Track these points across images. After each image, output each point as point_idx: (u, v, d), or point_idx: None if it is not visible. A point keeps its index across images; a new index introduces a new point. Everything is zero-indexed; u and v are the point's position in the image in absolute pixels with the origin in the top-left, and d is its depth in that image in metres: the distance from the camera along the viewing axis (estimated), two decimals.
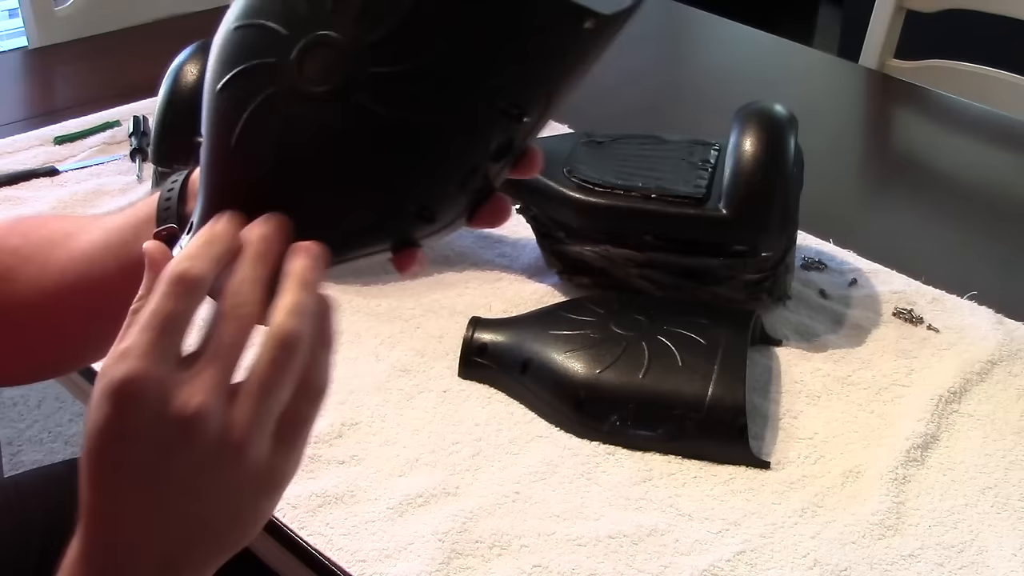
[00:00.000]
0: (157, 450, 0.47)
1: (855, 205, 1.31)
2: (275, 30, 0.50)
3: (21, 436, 2.14)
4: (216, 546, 0.50)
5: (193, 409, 0.47)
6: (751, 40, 1.74)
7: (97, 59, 1.58)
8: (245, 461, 0.48)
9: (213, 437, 0.47)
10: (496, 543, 0.80)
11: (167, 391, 0.47)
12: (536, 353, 0.93)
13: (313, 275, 0.50)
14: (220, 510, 0.49)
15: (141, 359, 0.46)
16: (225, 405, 0.48)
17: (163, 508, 0.48)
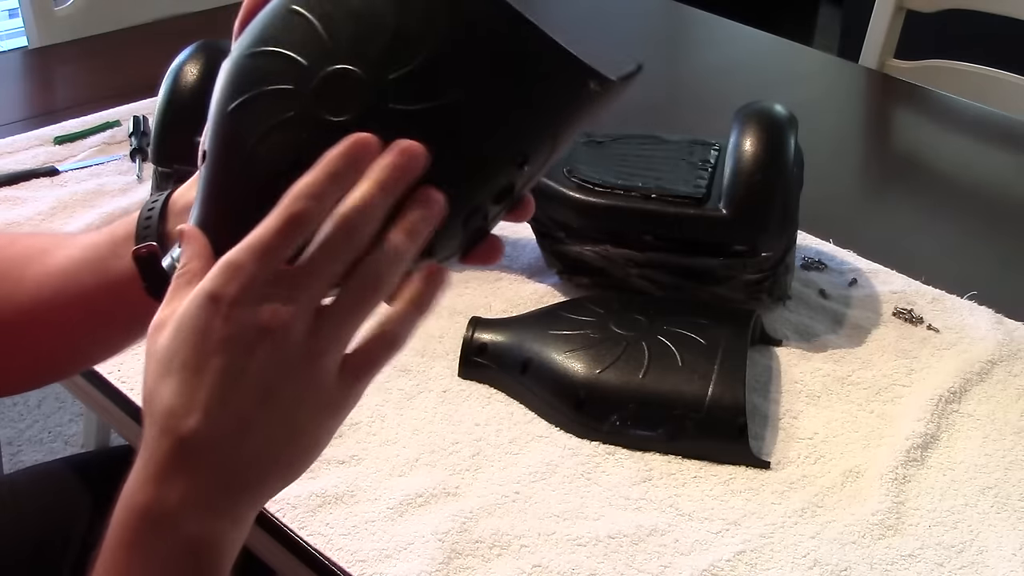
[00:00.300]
0: (242, 348, 0.50)
1: (855, 205, 1.31)
2: (296, 60, 0.52)
3: (21, 436, 2.14)
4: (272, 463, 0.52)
5: (276, 315, 0.49)
6: (751, 40, 1.74)
7: (97, 59, 1.58)
8: (314, 379, 0.51)
9: (291, 345, 0.50)
10: (496, 543, 0.80)
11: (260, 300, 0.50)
12: (536, 353, 0.93)
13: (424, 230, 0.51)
14: (283, 421, 0.51)
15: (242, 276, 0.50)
16: (310, 321, 0.50)
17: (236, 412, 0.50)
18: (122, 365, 0.96)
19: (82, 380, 0.98)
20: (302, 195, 0.50)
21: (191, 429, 0.50)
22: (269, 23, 0.54)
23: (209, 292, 0.50)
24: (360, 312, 0.51)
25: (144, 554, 0.51)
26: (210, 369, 0.50)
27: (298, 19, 0.53)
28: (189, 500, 0.51)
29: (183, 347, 0.51)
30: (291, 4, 0.53)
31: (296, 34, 0.52)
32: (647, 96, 1.55)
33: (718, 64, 1.69)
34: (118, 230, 0.68)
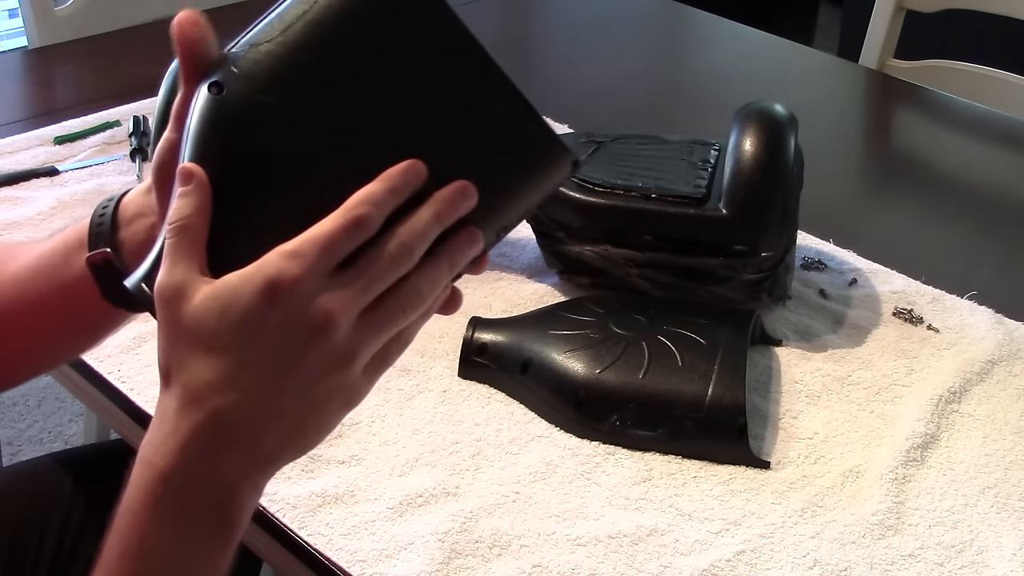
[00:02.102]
0: (293, 343, 0.53)
1: (855, 205, 1.31)
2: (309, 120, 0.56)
3: (21, 436, 2.14)
4: (295, 443, 0.56)
5: (329, 316, 0.53)
6: (751, 40, 1.74)
7: (97, 59, 1.58)
8: (347, 374, 0.55)
9: (335, 345, 0.54)
10: (496, 543, 0.80)
11: (314, 296, 0.53)
12: (536, 353, 0.93)
13: (465, 263, 0.58)
14: (312, 413, 0.55)
15: (303, 265, 0.52)
16: (352, 323, 0.54)
17: (276, 397, 0.53)
18: (122, 365, 0.96)
19: (82, 380, 0.98)
20: (366, 201, 0.53)
21: (228, 407, 0.53)
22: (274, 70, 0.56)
23: (268, 279, 0.52)
24: (397, 323, 0.56)
25: (167, 516, 0.54)
26: (258, 355, 0.53)
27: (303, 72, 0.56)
28: (214, 469, 0.54)
29: (233, 328, 0.53)
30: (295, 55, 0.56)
31: (304, 88, 0.56)
32: (647, 96, 1.56)
33: (718, 64, 1.69)
34: (70, 237, 0.70)
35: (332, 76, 0.56)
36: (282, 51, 0.56)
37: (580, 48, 1.68)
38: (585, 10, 1.81)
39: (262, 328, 0.53)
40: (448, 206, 0.55)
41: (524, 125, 0.57)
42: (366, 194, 0.54)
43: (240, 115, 0.56)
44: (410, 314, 0.56)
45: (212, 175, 0.56)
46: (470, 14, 1.85)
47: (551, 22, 1.85)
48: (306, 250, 0.53)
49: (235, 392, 0.53)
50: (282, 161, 0.56)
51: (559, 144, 0.58)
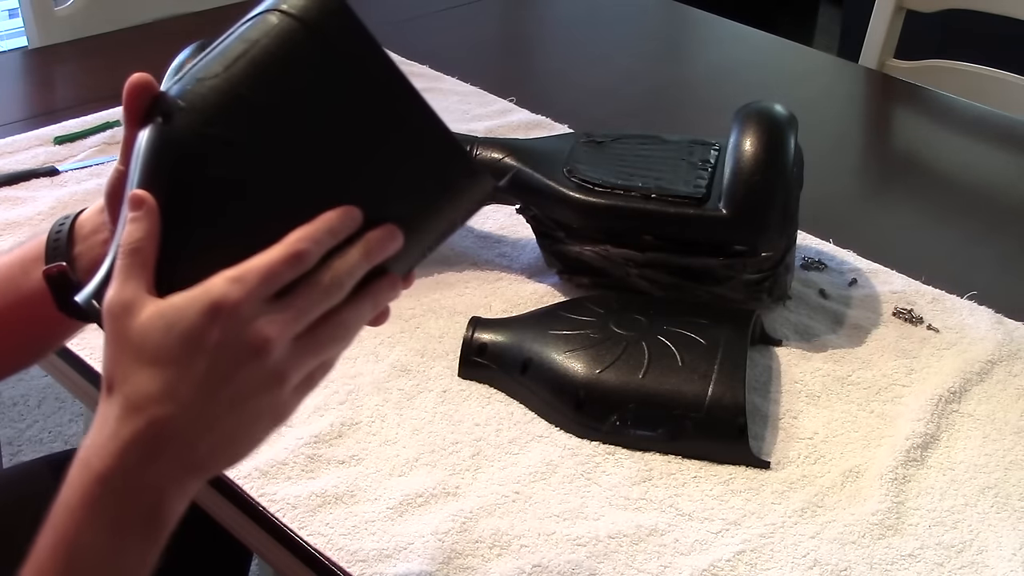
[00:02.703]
0: (230, 362, 0.57)
1: (855, 205, 1.31)
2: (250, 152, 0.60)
3: (21, 436, 2.14)
4: (225, 454, 0.60)
5: (266, 339, 0.57)
6: (751, 40, 1.74)
7: (97, 59, 1.58)
8: (278, 393, 0.59)
9: (269, 366, 0.58)
10: (496, 543, 0.80)
11: (253, 319, 0.57)
12: (536, 353, 0.93)
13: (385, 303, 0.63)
14: (247, 426, 0.60)
15: (244, 290, 0.57)
16: (287, 347, 0.59)
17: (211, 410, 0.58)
18: None
19: (82, 380, 0.98)
20: (307, 238, 0.58)
21: (166, 416, 0.57)
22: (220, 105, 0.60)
23: (213, 300, 0.57)
24: (326, 351, 0.61)
25: (101, 515, 0.57)
26: (197, 370, 0.57)
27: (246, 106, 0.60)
28: (149, 473, 0.57)
29: (175, 344, 0.57)
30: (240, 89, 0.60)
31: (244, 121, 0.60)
32: (647, 96, 1.56)
33: (718, 64, 1.69)
34: (28, 251, 0.75)
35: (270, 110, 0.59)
36: (225, 86, 0.60)
37: (580, 48, 1.68)
38: (585, 10, 1.81)
39: (203, 345, 0.57)
40: (377, 247, 0.61)
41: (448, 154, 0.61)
42: (307, 231, 0.58)
43: (185, 144, 0.60)
44: (338, 344, 0.62)
45: (160, 201, 0.60)
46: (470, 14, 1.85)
47: (551, 22, 1.85)
48: (249, 277, 0.57)
49: (173, 403, 0.57)
50: (224, 188, 0.60)
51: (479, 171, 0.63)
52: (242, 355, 0.57)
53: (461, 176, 0.62)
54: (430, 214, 0.63)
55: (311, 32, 0.59)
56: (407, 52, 1.57)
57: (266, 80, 0.60)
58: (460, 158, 0.62)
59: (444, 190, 0.62)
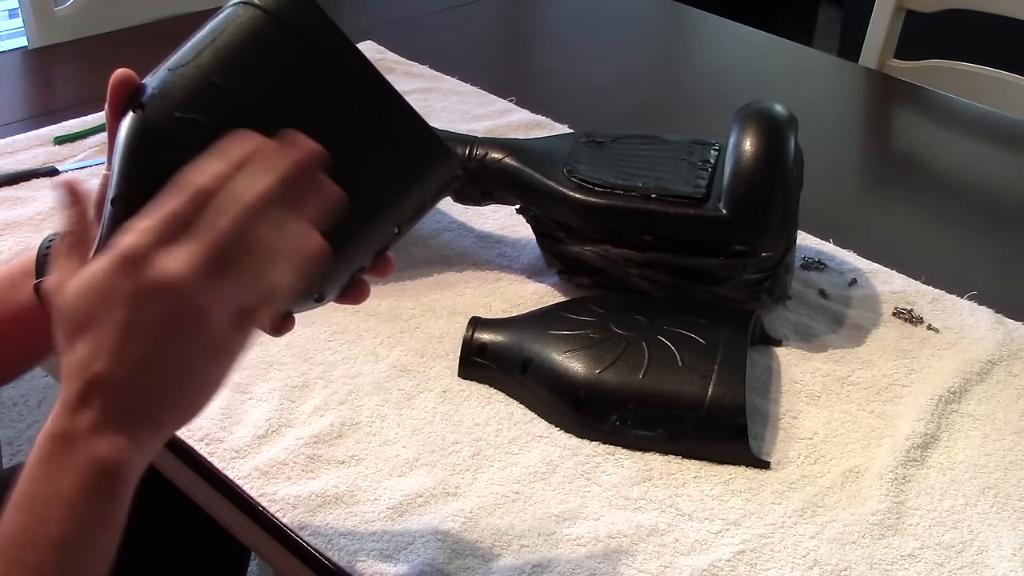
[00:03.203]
0: (138, 302, 0.57)
1: (855, 205, 1.31)
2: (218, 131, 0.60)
3: (21, 436, 2.14)
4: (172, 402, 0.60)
5: (170, 274, 0.56)
6: (751, 40, 1.74)
7: (97, 59, 1.58)
8: (205, 328, 0.58)
9: (183, 301, 0.57)
10: (496, 543, 0.80)
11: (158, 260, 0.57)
12: (536, 353, 0.93)
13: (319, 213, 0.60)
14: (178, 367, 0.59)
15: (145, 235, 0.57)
16: (201, 279, 0.57)
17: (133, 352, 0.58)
18: None
19: None
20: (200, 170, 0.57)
21: (97, 373, 0.58)
22: (190, 90, 0.62)
23: (120, 252, 0.57)
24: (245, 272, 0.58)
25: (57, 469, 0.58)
26: (112, 322, 0.57)
27: (217, 91, 0.61)
28: (96, 426, 0.58)
29: (91, 303, 0.58)
30: (212, 77, 0.62)
31: (215, 105, 0.61)
32: (647, 96, 1.56)
33: (718, 64, 1.69)
34: (16, 266, 0.78)
35: (239, 94, 0.61)
36: (195, 73, 0.62)
37: (580, 48, 1.68)
38: (585, 10, 1.81)
39: (116, 297, 0.57)
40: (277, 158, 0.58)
41: (410, 130, 0.63)
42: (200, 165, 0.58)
43: (158, 128, 0.62)
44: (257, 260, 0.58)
45: (136, 189, 0.61)
46: (470, 14, 1.85)
47: (551, 22, 1.85)
48: (151, 222, 0.57)
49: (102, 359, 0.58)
50: None
51: (444, 149, 0.65)
52: (152, 296, 0.57)
53: (428, 155, 0.64)
54: (398, 193, 0.65)
55: (271, 18, 0.62)
56: (407, 52, 1.57)
57: (233, 64, 0.62)
58: (426, 137, 0.63)
59: (411, 169, 0.64)
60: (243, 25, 0.62)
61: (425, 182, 0.66)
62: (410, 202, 0.66)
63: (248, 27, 0.62)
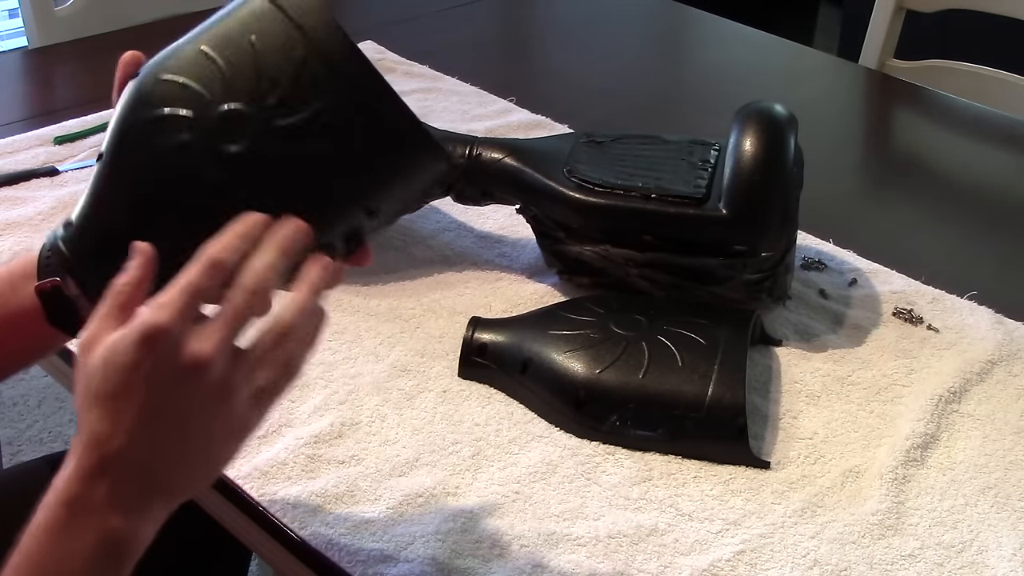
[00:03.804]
0: (166, 385, 0.58)
1: (855, 205, 1.31)
2: (201, 93, 0.63)
3: (21, 436, 2.14)
4: (187, 478, 0.62)
5: (202, 357, 0.58)
6: (751, 40, 1.74)
7: (97, 59, 1.58)
8: (229, 409, 0.60)
9: (211, 383, 0.58)
10: (496, 543, 0.80)
11: (186, 340, 0.58)
12: (536, 353, 0.93)
13: (322, 285, 0.61)
14: (199, 444, 0.60)
15: (169, 312, 0.57)
16: (226, 361, 0.59)
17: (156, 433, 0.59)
18: None
19: None
20: (219, 246, 0.59)
21: (117, 450, 0.59)
22: (180, 57, 0.65)
23: (142, 330, 0.57)
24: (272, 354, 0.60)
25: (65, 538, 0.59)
26: (137, 399, 0.58)
27: (206, 60, 0.64)
28: (111, 499, 0.59)
29: (113, 378, 0.58)
30: (201, 46, 0.65)
31: (203, 72, 0.64)
32: (647, 96, 1.56)
33: (718, 64, 1.69)
34: (15, 268, 0.78)
35: (228, 65, 0.64)
36: (190, 44, 0.65)
37: (580, 48, 1.68)
38: (585, 10, 1.81)
39: (139, 375, 0.58)
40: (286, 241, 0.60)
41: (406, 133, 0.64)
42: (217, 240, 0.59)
43: (144, 87, 0.65)
44: (283, 343, 0.60)
45: (117, 141, 0.66)
46: (470, 14, 1.85)
47: (551, 22, 1.85)
48: (172, 298, 0.58)
49: (119, 436, 0.59)
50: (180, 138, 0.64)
51: (433, 145, 0.65)
52: (178, 376, 0.58)
53: (416, 151, 0.65)
54: (387, 190, 0.66)
55: (273, 5, 0.65)
56: (407, 52, 1.57)
57: (226, 40, 0.64)
58: (416, 133, 0.64)
59: (400, 167, 0.65)
60: (246, 8, 0.65)
61: (414, 181, 0.66)
62: (379, 184, 0.66)
63: (250, 9, 0.65)
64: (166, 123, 0.63)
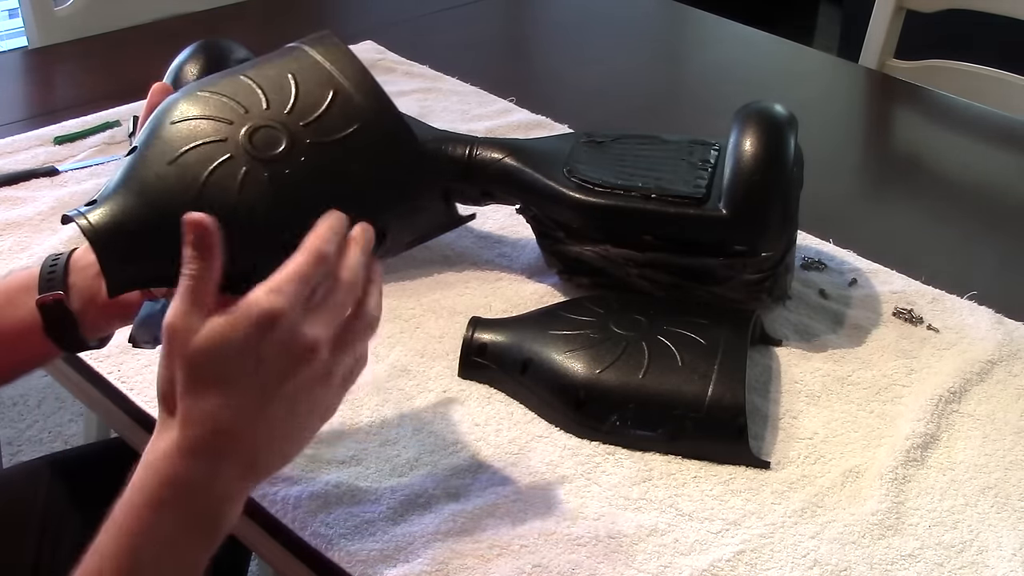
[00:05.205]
0: (280, 368, 0.61)
1: (855, 205, 1.31)
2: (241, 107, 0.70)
3: (21, 436, 2.14)
4: (280, 459, 0.66)
5: (315, 342, 0.62)
6: (751, 40, 1.74)
7: (97, 59, 1.58)
8: (326, 392, 0.65)
9: (318, 367, 0.63)
10: (496, 543, 0.80)
11: (299, 324, 0.62)
12: (536, 353, 0.93)
13: (369, 246, 0.67)
14: (299, 426, 0.65)
15: (287, 298, 0.61)
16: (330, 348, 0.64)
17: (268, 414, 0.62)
18: (122, 365, 0.96)
19: (82, 380, 0.98)
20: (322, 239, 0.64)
21: (228, 428, 0.61)
22: (220, 83, 0.72)
23: (260, 313, 0.61)
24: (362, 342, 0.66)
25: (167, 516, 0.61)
26: (254, 381, 0.61)
27: (248, 83, 0.71)
28: (213, 480, 0.61)
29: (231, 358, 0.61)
30: (241, 76, 0.72)
31: (245, 92, 0.71)
32: (647, 96, 1.56)
33: (718, 64, 1.69)
34: (13, 283, 0.81)
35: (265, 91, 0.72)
36: (221, 76, 0.73)
37: (580, 48, 1.69)
38: (585, 10, 1.81)
39: (258, 357, 0.61)
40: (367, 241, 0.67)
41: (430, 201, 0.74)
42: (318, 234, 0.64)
43: (185, 99, 0.71)
44: (368, 333, 0.67)
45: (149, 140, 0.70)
46: (470, 14, 1.85)
47: (551, 22, 1.85)
48: (285, 285, 0.61)
49: (236, 415, 0.61)
50: None
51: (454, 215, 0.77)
52: (294, 359, 0.62)
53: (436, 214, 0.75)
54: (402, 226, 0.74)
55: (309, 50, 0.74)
56: (407, 52, 1.57)
57: (264, 74, 0.72)
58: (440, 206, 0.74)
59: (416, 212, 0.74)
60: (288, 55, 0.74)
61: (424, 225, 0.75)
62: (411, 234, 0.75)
63: (284, 58, 0.74)
64: (206, 133, 0.69)
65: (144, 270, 0.70)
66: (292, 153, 0.69)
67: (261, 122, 0.69)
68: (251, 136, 0.69)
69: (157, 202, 0.68)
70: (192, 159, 0.68)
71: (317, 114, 0.70)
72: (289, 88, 0.71)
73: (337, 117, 0.70)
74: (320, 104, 0.70)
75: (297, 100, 0.70)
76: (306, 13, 1.76)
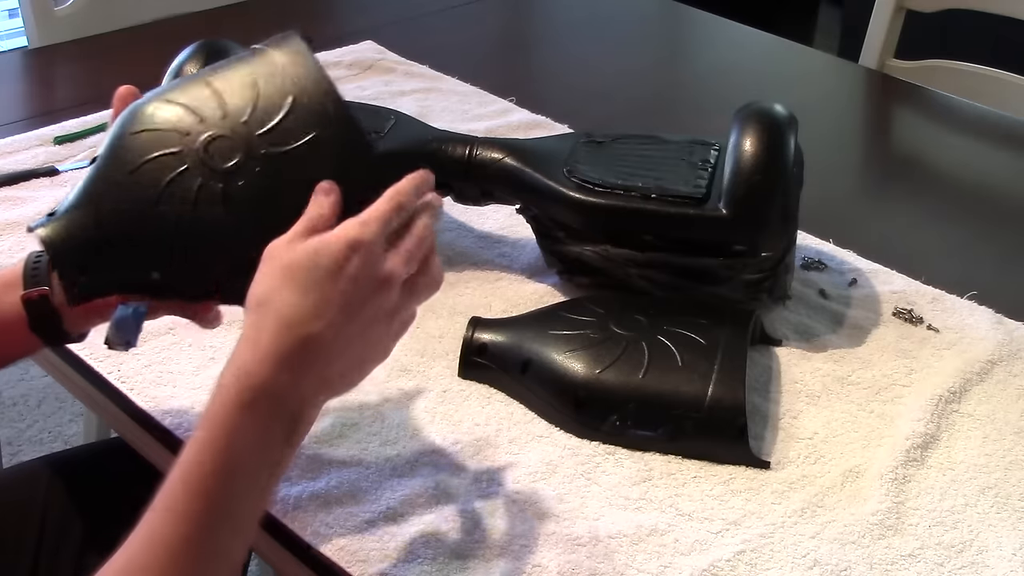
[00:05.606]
0: (364, 289, 0.68)
1: (855, 205, 1.31)
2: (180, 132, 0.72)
3: (21, 436, 2.14)
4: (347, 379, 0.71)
5: (394, 273, 0.69)
6: (751, 40, 1.74)
7: (97, 59, 1.58)
8: (392, 323, 0.71)
9: (391, 298, 0.70)
10: (496, 543, 0.80)
11: (380, 255, 0.69)
12: (536, 353, 0.93)
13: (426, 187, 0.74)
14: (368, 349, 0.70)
15: (372, 231, 0.68)
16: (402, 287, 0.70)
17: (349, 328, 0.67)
18: (122, 365, 0.96)
19: (82, 380, 0.98)
20: (403, 190, 0.71)
21: (317, 332, 0.66)
22: (185, 88, 0.74)
23: (350, 238, 0.67)
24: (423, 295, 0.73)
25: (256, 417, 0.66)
26: (340, 295, 0.67)
27: (208, 90, 0.73)
28: (297, 384, 0.66)
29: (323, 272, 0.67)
30: (205, 78, 0.74)
31: (205, 101, 0.73)
32: (647, 96, 1.56)
33: (718, 64, 1.69)
34: None
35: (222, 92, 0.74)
36: (196, 78, 0.75)
37: (580, 48, 1.69)
38: (585, 10, 1.81)
39: (344, 274, 0.67)
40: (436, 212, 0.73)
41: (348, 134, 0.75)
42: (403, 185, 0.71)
43: (145, 108, 0.74)
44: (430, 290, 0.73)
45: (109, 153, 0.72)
46: (470, 14, 1.85)
47: (551, 22, 1.85)
48: (372, 221, 0.68)
49: (321, 322, 0.66)
50: None
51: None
52: (374, 286, 0.68)
53: None
54: None
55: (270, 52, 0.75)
56: (407, 52, 1.57)
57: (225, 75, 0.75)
58: None
59: None
60: (253, 58, 0.75)
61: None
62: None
63: (257, 60, 0.75)
64: (163, 143, 0.71)
65: (104, 279, 0.72)
66: (247, 165, 0.71)
67: (217, 132, 0.71)
68: (207, 147, 0.71)
69: (114, 214, 0.70)
70: (149, 171, 0.70)
71: (274, 122, 0.72)
72: (249, 95, 0.73)
73: (294, 125, 0.72)
74: (278, 111, 0.72)
75: (256, 108, 0.72)
76: (306, 13, 1.76)
